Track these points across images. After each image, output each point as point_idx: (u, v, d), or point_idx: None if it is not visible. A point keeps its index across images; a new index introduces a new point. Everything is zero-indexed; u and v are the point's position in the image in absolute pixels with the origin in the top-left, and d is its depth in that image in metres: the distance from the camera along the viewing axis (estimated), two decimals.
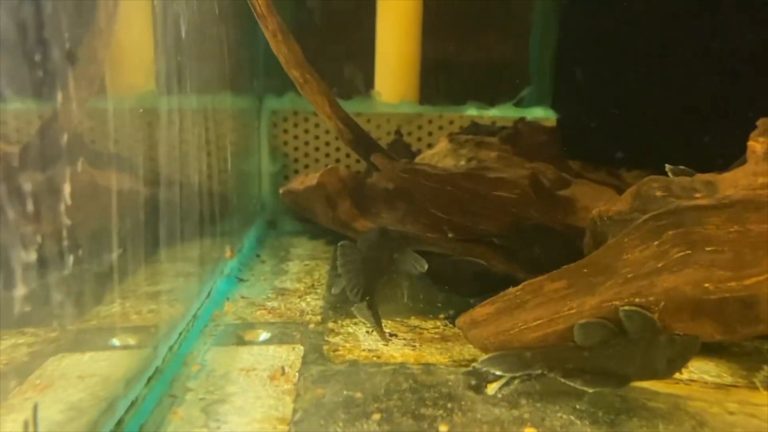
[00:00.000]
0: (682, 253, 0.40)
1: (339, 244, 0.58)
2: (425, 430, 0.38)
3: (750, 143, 0.40)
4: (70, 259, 0.36)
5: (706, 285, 0.40)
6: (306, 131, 1.05)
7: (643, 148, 0.97)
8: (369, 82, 1.09)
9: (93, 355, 0.45)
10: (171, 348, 0.46)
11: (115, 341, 0.48)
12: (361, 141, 0.70)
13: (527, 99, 1.13)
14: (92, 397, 0.38)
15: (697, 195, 0.42)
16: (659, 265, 0.41)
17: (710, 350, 0.51)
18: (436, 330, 0.58)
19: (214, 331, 0.55)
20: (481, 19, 1.12)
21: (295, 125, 1.05)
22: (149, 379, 0.41)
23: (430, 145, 1.07)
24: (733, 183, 0.39)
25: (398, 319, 0.60)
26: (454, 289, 0.65)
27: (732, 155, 0.44)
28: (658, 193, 0.45)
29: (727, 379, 0.47)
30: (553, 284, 0.46)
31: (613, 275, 0.43)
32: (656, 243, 0.42)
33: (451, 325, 0.58)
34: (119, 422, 0.35)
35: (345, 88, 1.10)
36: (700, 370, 0.49)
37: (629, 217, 0.47)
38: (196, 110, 0.64)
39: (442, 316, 0.60)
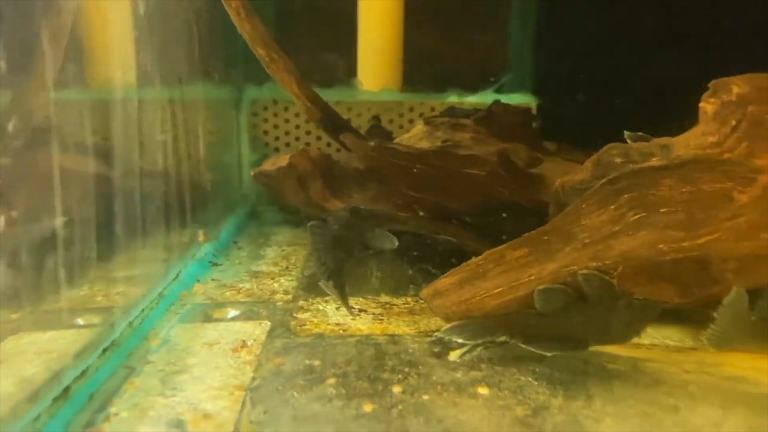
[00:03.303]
0: (637, 216, 0.41)
1: (309, 224, 0.58)
2: (378, 390, 0.38)
3: (701, 104, 0.40)
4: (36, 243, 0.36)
5: (661, 246, 0.40)
6: (286, 120, 1.05)
7: (622, 131, 0.97)
8: (351, 71, 1.09)
9: (53, 333, 0.45)
10: (131, 324, 0.46)
11: (79, 321, 0.48)
12: (329, 120, 0.70)
13: (507, 85, 1.13)
14: (46, 371, 0.38)
15: (654, 159, 0.42)
16: (616, 228, 0.41)
17: (675, 317, 0.51)
18: (406, 305, 0.58)
19: (180, 310, 0.55)
20: (463, 7, 1.12)
21: (275, 114, 1.05)
22: (104, 351, 0.41)
23: None
24: (685, 144, 0.40)
25: (369, 296, 0.60)
26: (426, 266, 0.65)
27: None
28: (618, 160, 0.45)
29: (689, 343, 0.48)
30: (515, 252, 0.46)
31: (572, 241, 0.43)
32: (613, 207, 0.42)
33: (421, 301, 0.58)
34: (66, 389, 0.35)
35: (327, 76, 1.10)
36: (663, 335, 0.50)
37: (591, 185, 0.47)
38: (161, 100, 0.64)
39: (412, 292, 0.61)
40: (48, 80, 0.41)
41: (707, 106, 0.39)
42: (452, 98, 1.08)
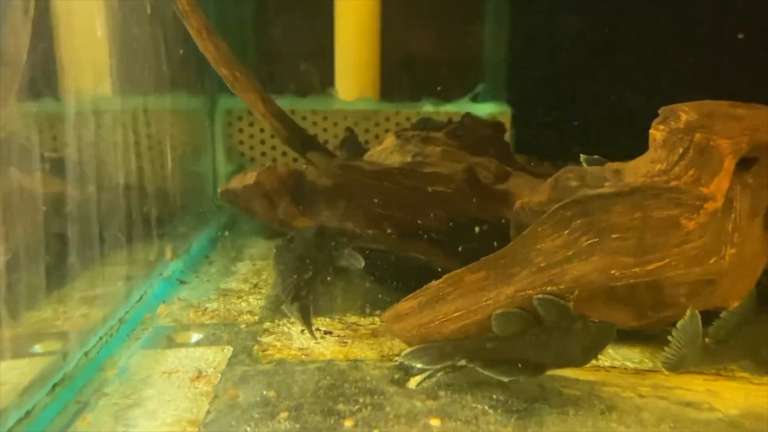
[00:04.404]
0: (590, 241, 0.41)
1: (276, 244, 0.57)
2: (330, 425, 0.37)
3: (651, 131, 0.40)
4: None
5: (613, 272, 0.40)
6: (261, 130, 1.05)
7: (594, 143, 0.99)
8: (328, 80, 1.09)
9: (6, 364, 0.44)
10: (87, 354, 0.46)
11: (37, 348, 0.47)
12: (297, 137, 0.69)
13: (482, 95, 1.13)
14: None
15: (607, 183, 0.43)
16: (569, 253, 0.42)
17: (637, 336, 0.52)
18: (372, 326, 0.58)
19: (142, 335, 0.54)
20: (438, 17, 1.13)
21: (251, 124, 1.04)
22: (54, 387, 0.40)
23: None
24: (635, 171, 0.40)
25: (335, 316, 0.60)
26: (395, 284, 0.65)
27: None
28: (573, 183, 0.46)
29: (648, 364, 0.48)
30: (473, 275, 0.46)
31: (528, 264, 0.44)
32: (566, 232, 0.42)
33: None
34: None
35: (303, 85, 1.10)
36: (623, 356, 0.50)
37: (548, 208, 0.47)
38: (125, 111, 0.63)
39: (378, 312, 0.60)
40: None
41: (656, 133, 0.40)
42: (428, 107, 1.08)
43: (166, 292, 0.68)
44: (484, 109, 1.10)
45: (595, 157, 0.46)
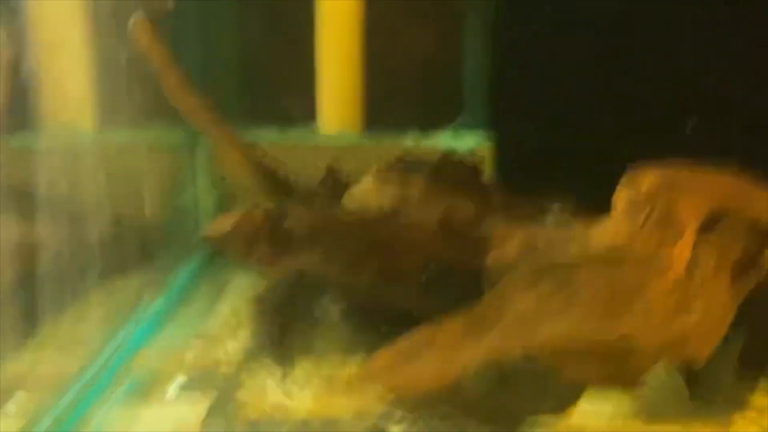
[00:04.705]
0: (559, 304, 0.42)
1: (251, 297, 0.58)
2: None
3: (615, 195, 0.42)
4: None
5: (583, 334, 0.41)
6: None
7: (578, 176, 1.00)
8: (311, 113, 1.10)
9: None
10: (58, 419, 0.45)
11: (11, 406, 0.47)
12: (277, 185, 0.70)
13: (463, 126, 1.15)
14: None
15: (575, 244, 0.44)
16: (540, 313, 0.43)
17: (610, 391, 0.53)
18: (349, 377, 0.58)
19: (117, 388, 0.54)
20: (420, 49, 1.15)
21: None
22: None
23: None
24: (600, 234, 0.41)
25: (314, 366, 0.60)
26: (374, 331, 0.66)
27: None
28: (542, 242, 0.47)
29: (625, 408, 0.48)
30: (446, 331, 0.47)
31: (500, 322, 0.45)
32: (536, 292, 0.43)
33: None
34: None
35: (285, 119, 1.11)
36: (601, 400, 0.50)
37: (518, 263, 0.49)
38: (100, 145, 0.63)
39: (357, 359, 0.61)
40: None
41: (619, 198, 0.41)
42: (408, 140, 1.10)
43: (144, 336, 0.68)
44: (466, 141, 1.11)
45: (565, 209, 0.47)
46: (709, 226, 0.42)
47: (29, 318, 0.47)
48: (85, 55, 0.66)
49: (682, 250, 0.39)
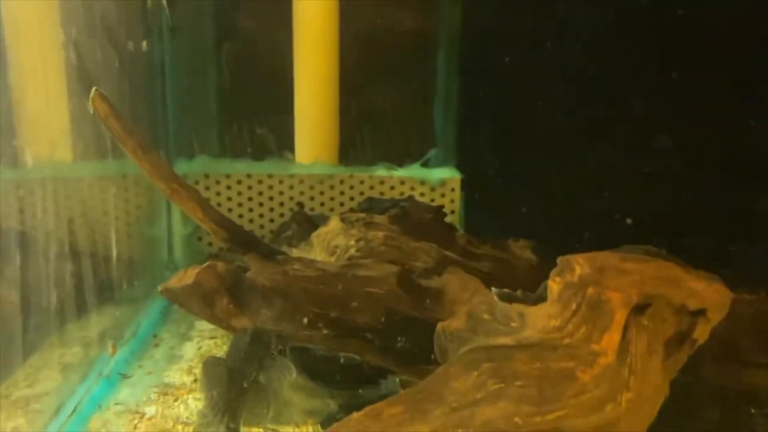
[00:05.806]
0: (496, 386, 0.43)
1: (203, 361, 0.58)
2: None
3: (549, 282, 0.42)
4: None
5: (516, 419, 0.42)
6: (218, 193, 1.06)
7: (545, 209, 1.02)
8: (287, 143, 1.11)
9: None
10: None
11: None
12: (238, 238, 0.70)
13: (433, 160, 1.17)
14: None
15: (513, 324, 0.45)
16: (478, 396, 0.43)
17: None
18: None
19: None
20: (392, 82, 1.16)
21: (207, 188, 1.05)
22: None
23: (342, 205, 1.09)
24: (533, 322, 0.42)
25: (268, 429, 0.60)
26: (330, 385, 0.66)
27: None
28: (486, 316, 0.47)
29: None
30: (391, 410, 0.47)
31: (442, 403, 0.45)
32: (475, 374, 0.44)
33: None
34: None
35: (260, 149, 1.11)
36: None
37: (465, 335, 0.49)
38: (62, 177, 0.62)
39: (311, 421, 0.61)
40: None
41: (553, 285, 0.42)
42: (381, 171, 1.11)
43: (104, 393, 0.67)
44: (436, 175, 1.13)
45: (506, 291, 0.48)
46: (640, 310, 0.43)
47: None
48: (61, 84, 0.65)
49: (611, 338, 0.40)
